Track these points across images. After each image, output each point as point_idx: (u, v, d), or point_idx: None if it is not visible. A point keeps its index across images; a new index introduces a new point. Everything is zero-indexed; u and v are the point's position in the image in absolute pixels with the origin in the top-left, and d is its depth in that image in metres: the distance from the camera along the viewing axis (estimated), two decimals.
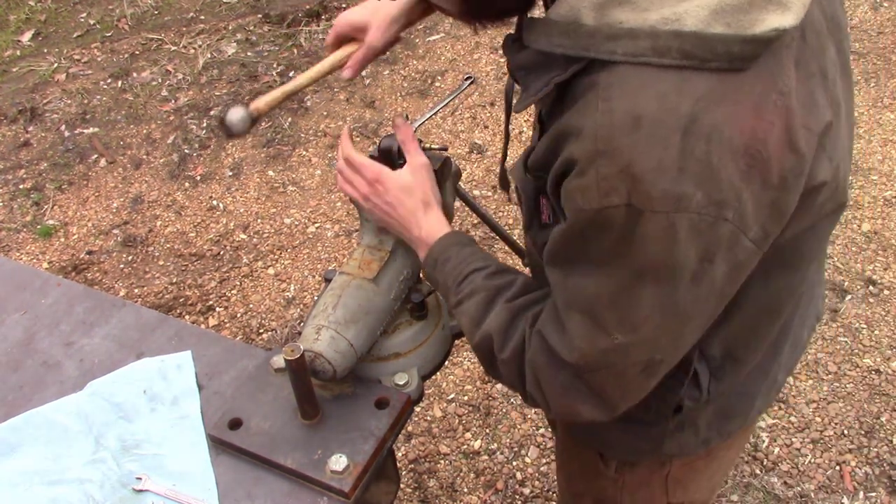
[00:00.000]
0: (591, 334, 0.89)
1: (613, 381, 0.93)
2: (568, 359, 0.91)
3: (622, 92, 0.78)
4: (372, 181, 1.19)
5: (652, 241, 0.80)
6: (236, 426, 1.24)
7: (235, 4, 4.62)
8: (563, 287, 0.91)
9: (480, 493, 2.29)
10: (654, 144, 0.77)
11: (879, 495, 2.20)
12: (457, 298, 1.09)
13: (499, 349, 1.01)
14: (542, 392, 0.98)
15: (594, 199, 0.80)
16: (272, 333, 2.78)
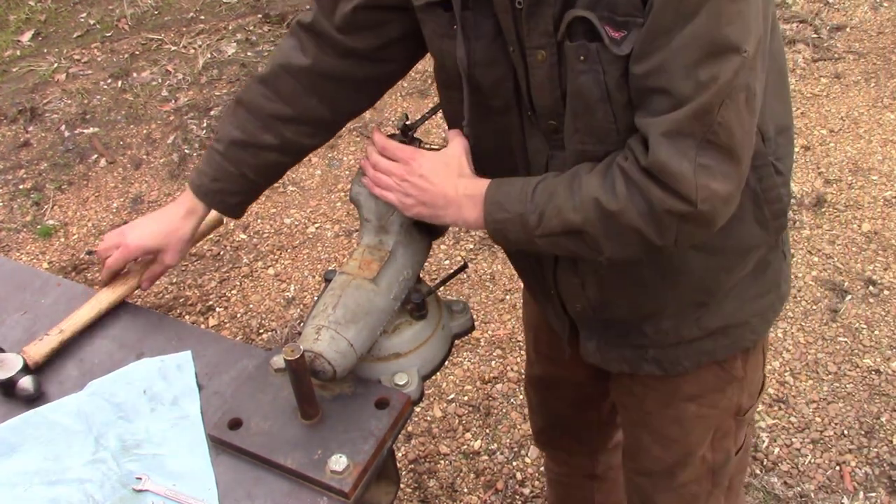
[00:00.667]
0: (722, 64, 0.95)
1: (735, 119, 0.97)
2: (702, 105, 0.95)
3: None
4: (408, 159, 1.20)
5: None
6: (236, 426, 1.24)
7: (235, 4, 4.62)
8: (672, 57, 0.95)
9: (480, 493, 2.29)
10: None
11: (879, 495, 2.20)
12: (536, 214, 1.08)
13: (608, 203, 1.02)
14: (676, 192, 0.99)
15: None
16: (272, 333, 2.78)
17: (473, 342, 2.69)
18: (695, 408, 1.38)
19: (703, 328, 1.28)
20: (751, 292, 1.27)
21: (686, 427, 1.41)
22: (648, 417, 1.44)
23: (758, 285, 1.28)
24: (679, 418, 1.40)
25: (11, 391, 1.34)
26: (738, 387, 1.38)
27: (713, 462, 1.45)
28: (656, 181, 1.00)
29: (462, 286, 2.89)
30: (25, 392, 1.33)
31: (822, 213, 3.03)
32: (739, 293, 1.26)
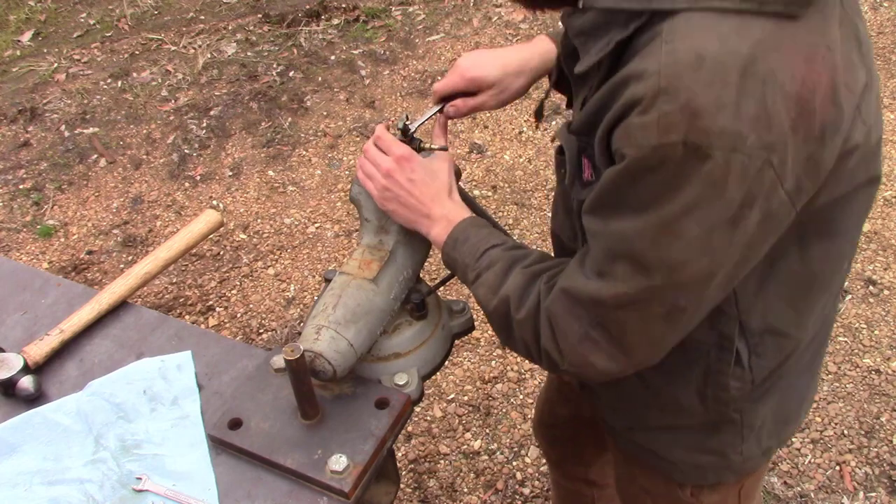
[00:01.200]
0: (632, 276, 0.91)
1: (637, 324, 0.95)
2: (601, 297, 0.93)
3: (685, 34, 0.81)
4: (400, 159, 1.21)
5: (704, 179, 0.83)
6: (236, 426, 1.24)
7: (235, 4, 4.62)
8: (604, 234, 0.92)
9: (480, 493, 2.29)
10: (715, 82, 0.80)
11: (879, 495, 2.20)
12: (475, 273, 1.12)
13: (515, 309, 1.04)
14: (556, 344, 1.00)
15: (653, 135, 0.82)
16: (272, 333, 2.78)
17: (473, 342, 2.69)
18: (650, 502, 1.39)
19: (636, 442, 1.30)
20: (688, 441, 1.23)
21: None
22: (618, 482, 1.49)
23: (697, 440, 1.23)
24: (637, 500, 1.43)
25: (11, 391, 1.34)
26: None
27: None
28: (548, 323, 1.01)
29: (462, 286, 2.89)
30: (25, 392, 1.33)
31: None
32: (676, 434, 1.23)
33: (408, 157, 1.21)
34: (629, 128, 0.84)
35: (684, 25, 0.82)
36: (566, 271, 0.99)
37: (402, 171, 1.21)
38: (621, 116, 0.85)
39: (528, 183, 3.30)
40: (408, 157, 1.21)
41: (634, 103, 0.83)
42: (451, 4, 4.46)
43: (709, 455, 1.23)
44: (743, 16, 0.81)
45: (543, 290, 1.02)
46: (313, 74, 4.01)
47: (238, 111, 3.81)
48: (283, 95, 3.88)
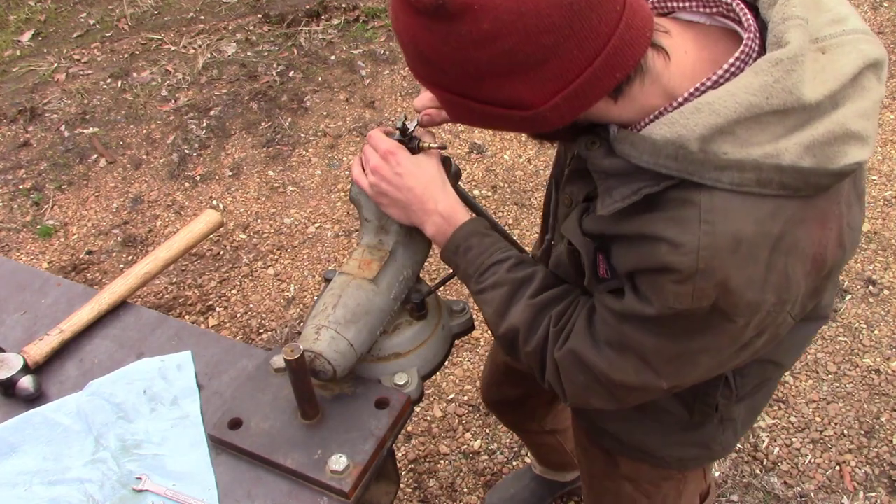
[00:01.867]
0: (641, 373, 1.01)
1: (638, 396, 1.07)
2: (607, 378, 1.03)
3: (725, 216, 0.87)
4: (385, 153, 1.22)
5: (726, 333, 0.94)
6: (236, 426, 1.24)
7: (235, 4, 4.62)
8: (617, 330, 1.00)
9: (480, 493, 2.29)
10: (749, 263, 0.88)
11: (879, 495, 2.20)
12: (479, 287, 1.17)
13: (523, 343, 1.12)
14: (561, 385, 1.10)
15: (686, 302, 0.91)
16: (272, 333, 2.78)
17: (473, 342, 2.69)
18: (630, 488, 1.44)
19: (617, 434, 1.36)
20: (673, 438, 1.32)
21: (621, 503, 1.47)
22: (593, 480, 1.53)
23: (682, 437, 1.31)
24: (616, 491, 1.46)
25: (11, 391, 1.34)
26: (675, 488, 1.43)
27: None
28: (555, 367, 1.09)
29: (462, 286, 2.89)
30: (25, 392, 1.33)
31: None
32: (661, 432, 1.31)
33: (393, 151, 1.22)
34: (662, 289, 0.92)
35: (724, 206, 0.87)
36: (576, 331, 1.06)
37: (389, 165, 1.22)
38: (652, 271, 0.92)
39: (528, 183, 3.30)
40: (393, 151, 1.22)
41: (669, 270, 0.90)
42: None
43: (693, 448, 1.33)
44: (779, 199, 0.87)
45: (552, 336, 1.09)
46: (313, 74, 4.01)
47: (238, 111, 3.81)
48: (283, 95, 3.88)
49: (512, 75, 0.84)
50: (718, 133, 0.85)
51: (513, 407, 1.88)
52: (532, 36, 0.80)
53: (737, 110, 0.84)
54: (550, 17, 0.79)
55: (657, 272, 0.91)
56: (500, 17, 0.79)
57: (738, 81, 0.86)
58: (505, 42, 0.80)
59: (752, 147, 0.85)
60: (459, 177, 1.34)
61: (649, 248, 0.91)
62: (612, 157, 0.93)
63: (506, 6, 0.78)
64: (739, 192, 0.86)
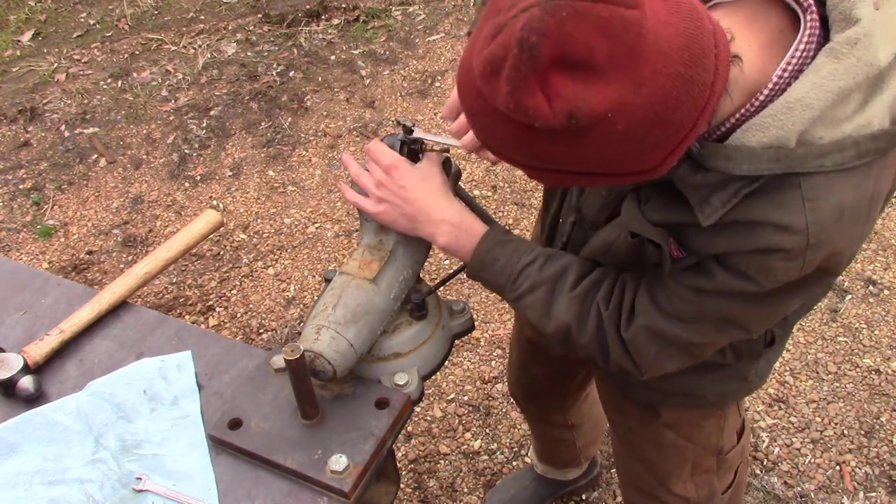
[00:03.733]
0: (726, 331, 1.05)
1: (714, 346, 1.12)
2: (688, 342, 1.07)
3: (827, 191, 0.89)
4: (389, 167, 1.22)
5: (821, 285, 1.01)
6: (236, 426, 1.24)
7: (235, 4, 4.62)
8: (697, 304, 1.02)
9: (480, 493, 2.29)
10: (853, 226, 0.93)
11: (879, 495, 2.20)
12: (516, 294, 1.17)
13: (578, 336, 1.13)
14: (632, 360, 1.12)
15: (794, 274, 0.94)
16: (272, 333, 2.78)
17: (473, 342, 2.69)
18: (672, 435, 1.43)
19: (657, 386, 1.33)
20: (712, 377, 1.32)
21: (663, 452, 1.47)
22: (630, 433, 1.51)
23: (721, 374, 1.32)
24: (657, 441, 1.46)
25: (11, 391, 1.34)
26: (717, 424, 1.43)
27: (697, 497, 1.52)
28: (623, 346, 1.11)
29: (462, 286, 2.89)
30: (25, 392, 1.33)
31: None
32: (701, 373, 1.30)
33: (395, 164, 1.22)
34: (769, 267, 0.94)
35: (825, 183, 0.89)
36: (641, 307, 1.07)
37: (393, 179, 1.21)
38: (756, 252, 0.94)
39: (529, 183, 3.30)
40: (395, 164, 1.22)
41: (777, 250, 0.92)
42: (451, 4, 4.46)
43: (732, 382, 1.35)
44: (871, 161, 0.90)
45: (609, 318, 1.10)
46: (313, 74, 4.01)
47: (238, 111, 3.81)
48: (283, 95, 3.88)
49: (638, 154, 0.82)
50: (812, 124, 0.87)
51: (543, 395, 1.87)
52: (662, 121, 0.79)
53: (829, 98, 0.86)
54: (676, 97, 0.78)
55: (763, 252, 0.92)
56: (634, 116, 0.77)
57: (822, 70, 0.86)
58: (637, 133, 0.79)
59: (843, 124, 0.87)
60: (459, 177, 1.34)
61: (750, 233, 0.92)
62: (702, 171, 0.92)
63: (638, 104, 0.76)
64: (839, 170, 0.89)
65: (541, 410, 1.96)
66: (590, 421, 2.01)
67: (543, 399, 1.89)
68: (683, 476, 1.49)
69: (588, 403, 1.94)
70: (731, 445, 1.49)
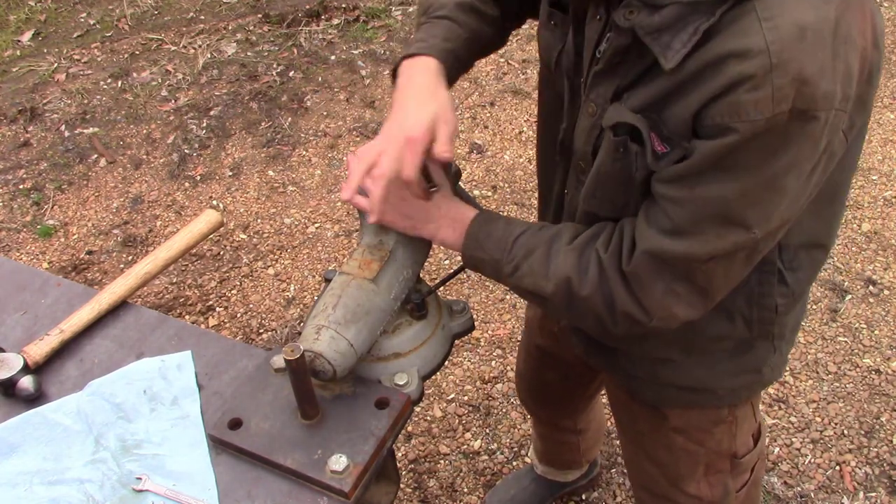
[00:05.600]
0: (727, 233, 0.98)
1: (722, 271, 1.03)
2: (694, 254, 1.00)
3: (782, 9, 0.87)
4: None
5: (807, 138, 0.91)
6: (236, 426, 1.24)
7: (235, 4, 4.62)
8: (691, 200, 0.98)
9: (480, 493, 2.29)
10: (818, 50, 0.87)
11: (879, 495, 2.20)
12: (512, 265, 1.13)
13: (578, 287, 1.08)
14: (640, 303, 1.06)
15: (767, 109, 0.88)
16: (272, 333, 2.78)
17: (473, 342, 2.69)
18: (682, 441, 1.41)
19: (669, 381, 1.32)
20: (723, 367, 1.28)
21: (675, 455, 1.44)
22: (641, 437, 1.49)
23: (733, 364, 1.28)
24: (668, 445, 1.44)
25: (11, 391, 1.34)
26: (728, 431, 1.40)
27: (711, 497, 1.48)
28: (627, 286, 1.06)
29: (462, 286, 2.89)
30: (25, 392, 1.33)
31: None
32: (710, 364, 1.28)
33: None
34: (738, 104, 0.89)
35: (779, 2, 0.87)
36: (640, 234, 1.03)
37: None
38: (723, 93, 0.89)
39: (528, 183, 3.30)
40: None
41: (742, 81, 0.88)
42: None
43: (745, 375, 1.30)
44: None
45: (610, 259, 1.06)
46: (313, 74, 4.01)
47: (238, 111, 3.81)
48: (283, 95, 3.88)
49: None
50: None
51: (556, 400, 1.85)
52: None
53: None
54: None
55: (729, 89, 0.89)
56: None
57: None
58: None
59: None
60: (459, 177, 1.34)
61: (715, 72, 0.90)
62: (658, 10, 0.92)
63: None
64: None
65: (552, 416, 1.96)
66: (594, 425, 2.02)
67: (556, 404, 1.88)
68: (696, 477, 1.46)
69: (595, 408, 1.94)
70: (748, 449, 1.45)
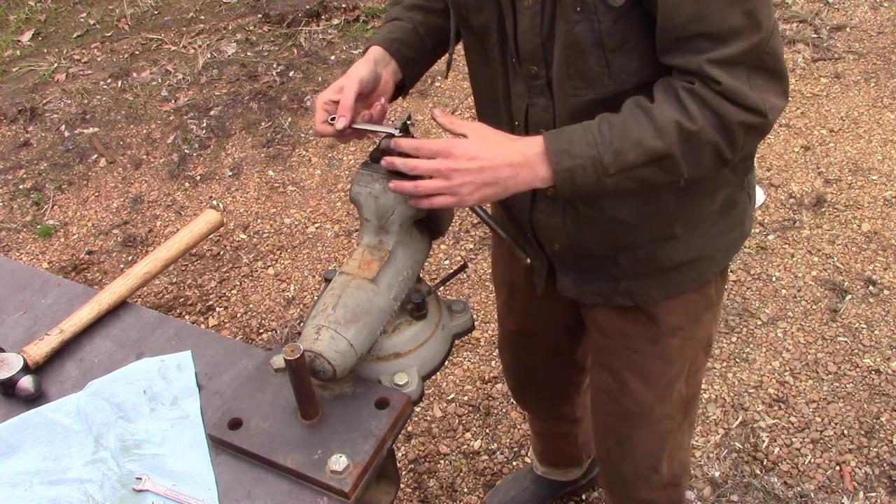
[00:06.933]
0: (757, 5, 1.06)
1: (777, 41, 1.12)
2: (753, 42, 1.07)
3: None
4: (448, 150, 1.14)
5: None
6: (236, 426, 1.24)
7: (235, 4, 4.62)
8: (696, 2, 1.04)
9: (480, 493, 2.29)
10: None
11: (879, 495, 2.20)
12: (611, 151, 1.12)
13: (689, 124, 1.10)
14: (746, 108, 1.10)
15: None
16: (272, 333, 2.78)
17: (473, 342, 2.69)
18: (678, 342, 1.48)
19: (673, 260, 1.37)
20: (717, 228, 1.37)
21: (669, 361, 1.50)
22: (635, 357, 1.52)
23: (724, 222, 1.37)
24: (664, 353, 1.49)
25: (11, 391, 1.34)
26: (712, 314, 1.51)
27: (687, 396, 1.58)
28: (730, 101, 1.09)
29: (462, 286, 2.89)
30: (25, 392, 1.33)
31: (821, 213, 3.03)
32: (707, 228, 1.35)
33: (452, 144, 1.14)
34: None
35: None
36: (693, 63, 1.08)
37: (460, 159, 1.13)
38: None
39: None
40: (452, 144, 1.14)
41: None
42: None
43: (733, 231, 1.40)
44: None
45: (700, 86, 1.09)
46: (313, 74, 4.01)
47: (238, 111, 3.81)
48: (283, 95, 3.88)
49: None
50: None
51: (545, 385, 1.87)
52: None
53: None
54: None
55: None
56: None
57: None
58: None
59: None
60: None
61: None
62: None
63: None
64: None
65: (548, 406, 1.96)
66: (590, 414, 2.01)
67: (548, 391, 1.89)
68: (683, 378, 1.55)
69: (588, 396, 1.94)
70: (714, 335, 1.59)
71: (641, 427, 1.59)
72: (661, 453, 1.63)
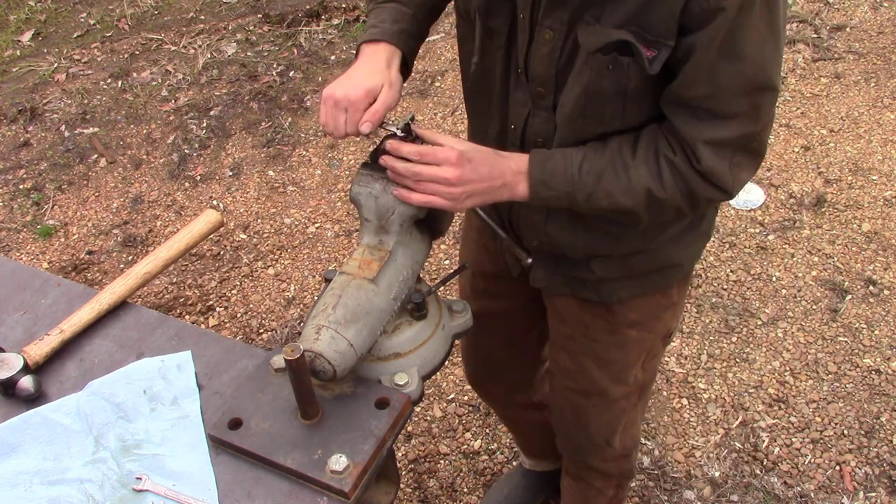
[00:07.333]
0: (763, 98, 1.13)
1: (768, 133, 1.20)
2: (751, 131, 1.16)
3: None
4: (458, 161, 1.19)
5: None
6: (236, 426, 1.24)
7: (235, 4, 4.62)
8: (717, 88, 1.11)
9: (480, 493, 2.29)
10: None
11: (879, 495, 2.20)
12: (584, 193, 1.22)
13: (659, 192, 1.20)
14: (716, 187, 1.19)
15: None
16: (272, 333, 2.78)
17: None
18: (635, 333, 1.54)
19: (643, 270, 1.44)
20: (686, 240, 1.44)
21: (626, 350, 1.56)
22: (594, 345, 1.57)
23: (693, 234, 1.44)
24: (621, 343, 1.54)
25: (11, 391, 1.34)
26: (673, 312, 1.57)
27: (643, 380, 1.64)
28: (704, 179, 1.18)
29: None
30: (25, 392, 1.33)
31: (822, 213, 3.03)
32: (677, 241, 1.42)
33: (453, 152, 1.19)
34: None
35: None
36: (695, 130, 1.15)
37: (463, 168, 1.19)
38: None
39: None
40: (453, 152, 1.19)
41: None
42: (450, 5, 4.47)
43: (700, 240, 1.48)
44: None
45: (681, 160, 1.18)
46: (313, 74, 4.01)
47: (238, 111, 3.81)
48: (283, 95, 3.88)
49: None
50: None
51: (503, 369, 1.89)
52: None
53: None
54: None
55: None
56: None
57: None
58: None
59: None
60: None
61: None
62: None
63: None
64: None
65: (504, 392, 1.98)
66: None
67: (503, 375, 1.91)
68: (639, 364, 1.60)
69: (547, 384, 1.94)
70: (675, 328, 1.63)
71: (597, 404, 1.65)
72: (616, 428, 1.70)
